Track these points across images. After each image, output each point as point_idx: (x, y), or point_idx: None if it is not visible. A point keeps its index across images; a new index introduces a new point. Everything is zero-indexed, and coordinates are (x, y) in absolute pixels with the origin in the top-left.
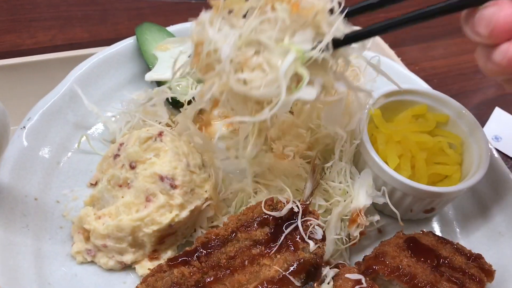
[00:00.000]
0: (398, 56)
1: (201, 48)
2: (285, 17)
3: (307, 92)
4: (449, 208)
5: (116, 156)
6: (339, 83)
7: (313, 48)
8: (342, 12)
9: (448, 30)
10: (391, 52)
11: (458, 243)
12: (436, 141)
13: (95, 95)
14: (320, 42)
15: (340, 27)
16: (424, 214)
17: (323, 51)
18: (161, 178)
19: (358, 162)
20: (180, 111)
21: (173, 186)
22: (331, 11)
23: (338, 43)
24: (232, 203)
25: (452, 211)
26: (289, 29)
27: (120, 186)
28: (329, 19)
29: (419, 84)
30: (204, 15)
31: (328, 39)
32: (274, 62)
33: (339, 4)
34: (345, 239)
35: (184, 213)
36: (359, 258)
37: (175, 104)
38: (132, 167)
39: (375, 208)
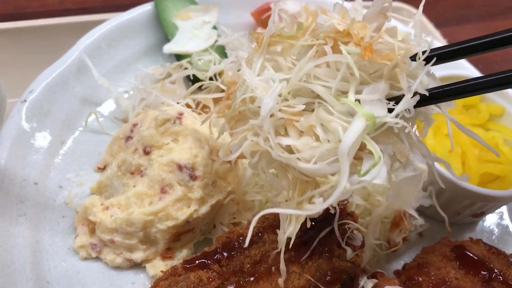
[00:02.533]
0: (444, 37)
1: (234, 90)
2: (352, 64)
3: (375, 173)
4: (501, 210)
5: (128, 138)
6: (416, 154)
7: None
8: (427, 60)
9: (495, 10)
10: (437, 33)
11: None
12: (490, 136)
13: (106, 67)
14: (395, 100)
15: (424, 81)
16: (472, 218)
17: (401, 116)
18: (180, 167)
19: None
20: (201, 90)
21: (193, 177)
22: (415, 56)
23: (419, 101)
24: (257, 197)
25: (504, 214)
26: (356, 80)
27: (132, 173)
28: (410, 68)
29: (469, 69)
30: (241, 52)
31: (409, 99)
32: (334, 128)
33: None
34: (385, 245)
35: (204, 209)
36: (397, 265)
37: (195, 81)
38: (147, 153)
39: (416, 209)
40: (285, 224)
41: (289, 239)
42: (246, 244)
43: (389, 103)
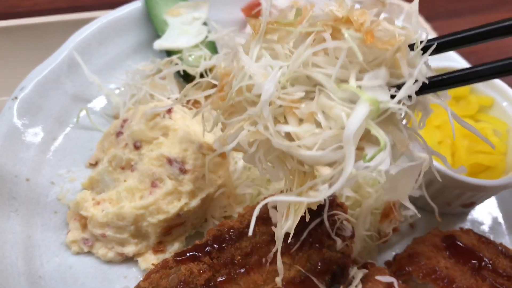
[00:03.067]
0: (435, 30)
1: (228, 81)
2: (355, 48)
3: (380, 159)
4: (491, 201)
5: (119, 133)
6: (415, 144)
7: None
8: (425, 48)
9: (487, 4)
10: (427, 26)
11: (502, 244)
12: (480, 127)
13: (97, 64)
14: (396, 87)
15: (423, 69)
16: (462, 209)
17: (403, 102)
18: (170, 161)
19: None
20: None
21: (183, 171)
22: (412, 46)
23: (419, 89)
24: (249, 191)
25: (494, 204)
26: (356, 66)
27: (123, 168)
28: (410, 57)
29: (460, 62)
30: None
31: (411, 85)
32: (336, 114)
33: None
34: (375, 236)
35: (195, 202)
36: (388, 256)
37: (186, 77)
38: (137, 147)
39: None
40: (282, 218)
41: (287, 234)
42: (250, 233)
43: (390, 89)
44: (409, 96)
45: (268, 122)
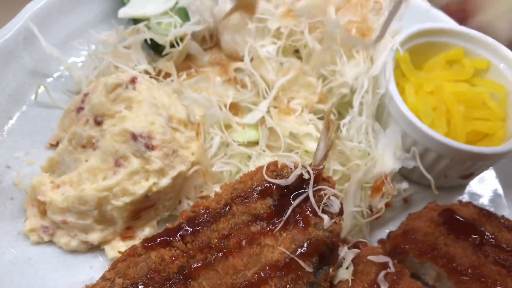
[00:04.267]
0: None
1: None
2: None
3: None
4: (489, 172)
5: (79, 109)
6: None
7: None
8: None
9: None
10: None
11: (503, 216)
12: (476, 92)
13: (57, 36)
14: None
15: None
16: (459, 180)
17: None
18: (134, 137)
19: (382, 117)
20: (162, 56)
21: (150, 147)
22: None
23: None
24: (226, 168)
25: (492, 175)
26: None
27: (84, 147)
28: None
29: (447, 22)
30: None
31: None
32: None
33: None
34: (366, 212)
35: (165, 181)
36: (382, 234)
37: (156, 48)
38: (98, 123)
39: (399, 173)
40: None
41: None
42: None
43: None
44: None
45: None
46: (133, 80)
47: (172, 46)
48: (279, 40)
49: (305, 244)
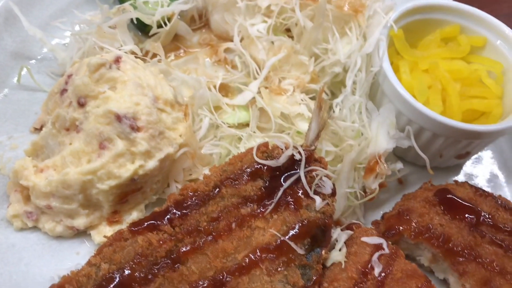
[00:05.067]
0: None
1: None
2: None
3: None
4: (485, 151)
5: (63, 91)
6: None
7: None
8: None
9: None
10: None
11: (500, 196)
12: (472, 69)
13: (39, 17)
14: None
15: None
16: (455, 160)
17: None
18: (118, 118)
19: (375, 96)
20: (149, 37)
21: (135, 128)
22: None
23: None
24: (216, 150)
25: (489, 154)
26: None
27: (67, 129)
28: None
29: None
30: None
31: None
32: None
33: None
34: (360, 193)
35: (151, 164)
36: (376, 215)
37: (142, 28)
38: (81, 105)
39: (394, 153)
40: None
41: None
42: None
43: None
44: None
45: None
46: (117, 60)
47: (159, 26)
48: (269, 18)
49: (297, 226)
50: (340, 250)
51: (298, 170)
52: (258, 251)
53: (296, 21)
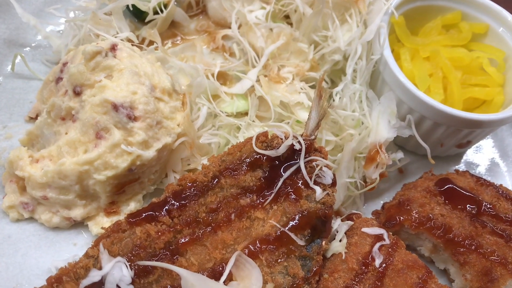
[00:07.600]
0: None
1: None
2: None
3: None
4: (486, 140)
5: (58, 79)
6: None
7: None
8: None
9: None
10: None
11: (501, 185)
12: (474, 57)
13: (33, 3)
14: None
15: None
16: (456, 149)
17: None
18: (115, 107)
19: (376, 84)
20: (145, 24)
21: (132, 118)
22: None
23: None
24: (214, 140)
25: (490, 143)
26: None
27: (63, 119)
28: None
29: None
30: None
31: None
32: None
33: None
34: (360, 183)
35: (149, 154)
36: (376, 205)
37: (138, 15)
38: (77, 93)
39: (394, 142)
40: None
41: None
42: None
43: None
44: None
45: None
46: (113, 48)
47: (155, 12)
48: (268, 4)
49: (297, 217)
50: (340, 241)
51: (298, 160)
52: (257, 242)
53: (295, 7)
